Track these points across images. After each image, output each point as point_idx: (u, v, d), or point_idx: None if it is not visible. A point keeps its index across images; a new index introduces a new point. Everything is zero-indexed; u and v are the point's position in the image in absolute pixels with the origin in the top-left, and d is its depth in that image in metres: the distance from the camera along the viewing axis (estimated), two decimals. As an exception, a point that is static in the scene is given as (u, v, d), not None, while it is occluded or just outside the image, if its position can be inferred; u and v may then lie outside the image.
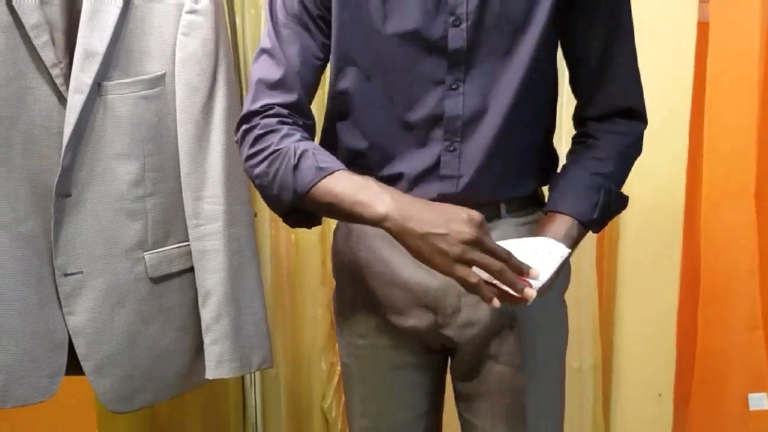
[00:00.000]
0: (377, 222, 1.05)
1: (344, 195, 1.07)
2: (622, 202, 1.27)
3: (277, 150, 1.12)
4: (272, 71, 1.18)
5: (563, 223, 1.19)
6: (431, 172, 1.20)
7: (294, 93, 1.18)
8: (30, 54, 1.33)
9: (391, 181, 1.21)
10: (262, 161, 1.14)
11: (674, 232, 1.92)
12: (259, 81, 1.19)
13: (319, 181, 1.09)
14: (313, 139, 1.20)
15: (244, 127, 1.18)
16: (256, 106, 1.18)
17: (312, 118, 1.22)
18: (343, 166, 1.11)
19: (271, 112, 1.17)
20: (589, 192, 1.21)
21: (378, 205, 1.05)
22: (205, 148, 1.43)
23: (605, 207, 1.21)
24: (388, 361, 1.30)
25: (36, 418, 1.93)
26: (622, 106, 1.26)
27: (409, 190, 1.20)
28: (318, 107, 1.31)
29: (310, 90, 1.21)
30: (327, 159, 1.12)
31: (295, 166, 1.10)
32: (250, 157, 1.16)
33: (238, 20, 1.90)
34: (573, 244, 1.18)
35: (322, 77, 1.25)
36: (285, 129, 1.15)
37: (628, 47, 1.24)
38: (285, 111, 1.17)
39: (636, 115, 1.27)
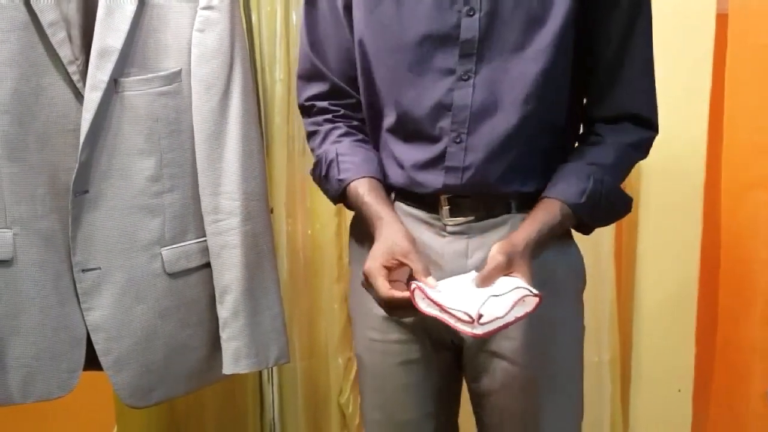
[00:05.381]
0: None
1: (355, 211, 1.27)
2: (621, 198, 1.24)
3: (317, 155, 1.31)
4: (304, 66, 1.33)
5: (547, 205, 1.18)
6: (437, 162, 1.20)
7: (326, 81, 1.31)
8: (47, 51, 1.33)
9: (399, 166, 1.24)
10: (313, 165, 1.33)
11: (694, 224, 1.91)
12: (298, 77, 1.35)
13: (340, 192, 1.26)
14: (357, 115, 1.32)
15: (303, 120, 1.37)
16: (301, 100, 1.35)
17: (353, 96, 1.31)
18: (357, 171, 1.24)
19: (314, 108, 1.33)
20: (579, 178, 1.19)
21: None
22: (222, 143, 1.43)
23: (595, 195, 1.18)
24: (398, 356, 1.29)
25: (55, 413, 1.94)
26: (630, 112, 1.23)
27: (412, 178, 1.22)
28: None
29: (347, 71, 1.29)
30: (348, 165, 1.25)
31: (325, 176, 1.28)
32: (311, 150, 1.35)
33: (253, 17, 1.91)
34: (555, 227, 1.17)
35: None
36: (324, 129, 1.31)
37: (645, 51, 1.22)
38: (325, 103, 1.32)
39: (645, 122, 1.24)
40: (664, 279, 1.94)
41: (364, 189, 1.22)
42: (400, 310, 1.11)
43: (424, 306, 1.07)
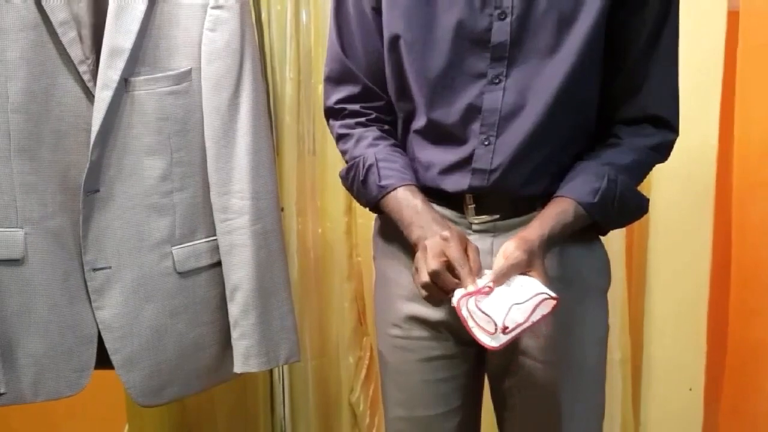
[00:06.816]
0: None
1: (394, 216, 1.21)
2: (636, 200, 1.23)
3: (353, 159, 1.27)
4: (333, 68, 1.30)
5: (559, 204, 1.16)
6: (464, 164, 1.20)
7: (358, 83, 1.29)
8: (57, 51, 1.34)
9: (424, 168, 1.24)
10: (346, 168, 1.29)
11: (704, 223, 1.90)
12: (326, 80, 1.32)
13: (380, 199, 1.23)
14: (387, 117, 1.30)
15: (329, 122, 1.34)
16: (329, 103, 1.32)
17: (383, 98, 1.29)
18: (400, 178, 1.22)
19: (345, 111, 1.30)
20: (593, 177, 1.17)
21: (411, 234, 1.18)
22: (232, 142, 1.43)
23: (609, 195, 1.16)
24: (420, 353, 1.29)
25: (66, 412, 1.95)
26: (652, 114, 1.22)
27: (439, 179, 1.22)
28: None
29: (377, 73, 1.27)
30: (389, 172, 1.22)
31: (363, 182, 1.25)
32: (342, 153, 1.32)
33: (263, 16, 1.91)
34: (567, 226, 1.15)
35: None
36: (357, 132, 1.28)
37: (671, 54, 1.21)
38: (356, 106, 1.30)
39: (665, 124, 1.23)
40: (675, 278, 1.93)
41: (417, 198, 1.20)
42: (440, 292, 1.10)
43: (456, 301, 1.07)
